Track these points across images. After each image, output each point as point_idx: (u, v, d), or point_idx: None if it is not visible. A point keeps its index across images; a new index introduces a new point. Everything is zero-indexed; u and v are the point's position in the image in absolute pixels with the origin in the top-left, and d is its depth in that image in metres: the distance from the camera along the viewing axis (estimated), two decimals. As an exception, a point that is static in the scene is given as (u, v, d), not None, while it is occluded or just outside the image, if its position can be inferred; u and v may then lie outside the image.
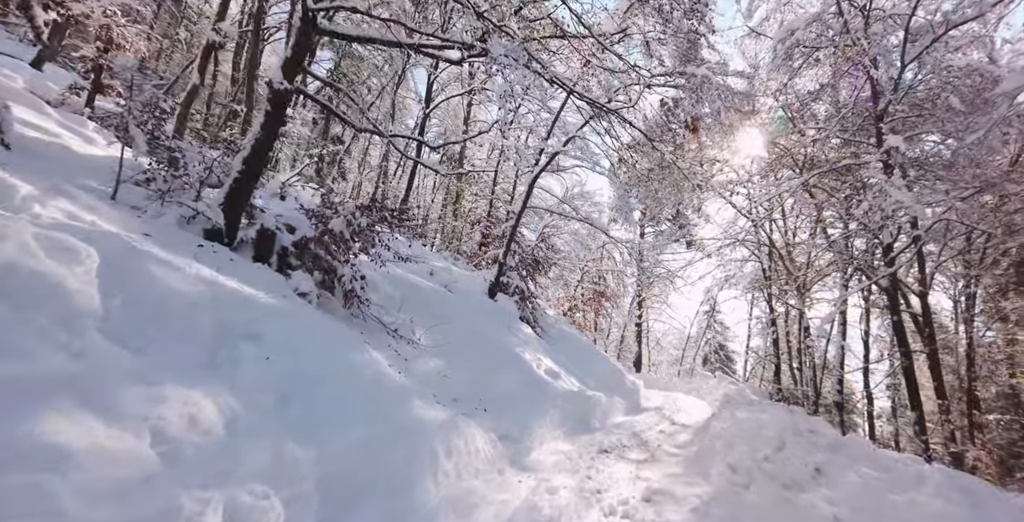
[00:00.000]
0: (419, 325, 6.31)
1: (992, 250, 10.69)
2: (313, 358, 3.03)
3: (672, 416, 9.62)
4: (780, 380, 16.73)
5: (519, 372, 7.15)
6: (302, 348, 3.02)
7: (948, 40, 8.37)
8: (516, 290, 10.89)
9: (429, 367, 5.46)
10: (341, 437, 2.54)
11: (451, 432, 3.48)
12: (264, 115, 4.59)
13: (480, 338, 7.37)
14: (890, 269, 7.95)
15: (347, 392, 2.96)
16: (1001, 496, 2.79)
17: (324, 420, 2.59)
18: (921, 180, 9.24)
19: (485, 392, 5.82)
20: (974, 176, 8.55)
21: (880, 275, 8.05)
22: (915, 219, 7.90)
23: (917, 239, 7.75)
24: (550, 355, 9.17)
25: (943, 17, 7.66)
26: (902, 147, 7.45)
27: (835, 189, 10.68)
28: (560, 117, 12.30)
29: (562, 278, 19.80)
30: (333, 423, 2.61)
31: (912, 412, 7.50)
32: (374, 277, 6.45)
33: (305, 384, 2.73)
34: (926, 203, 7.47)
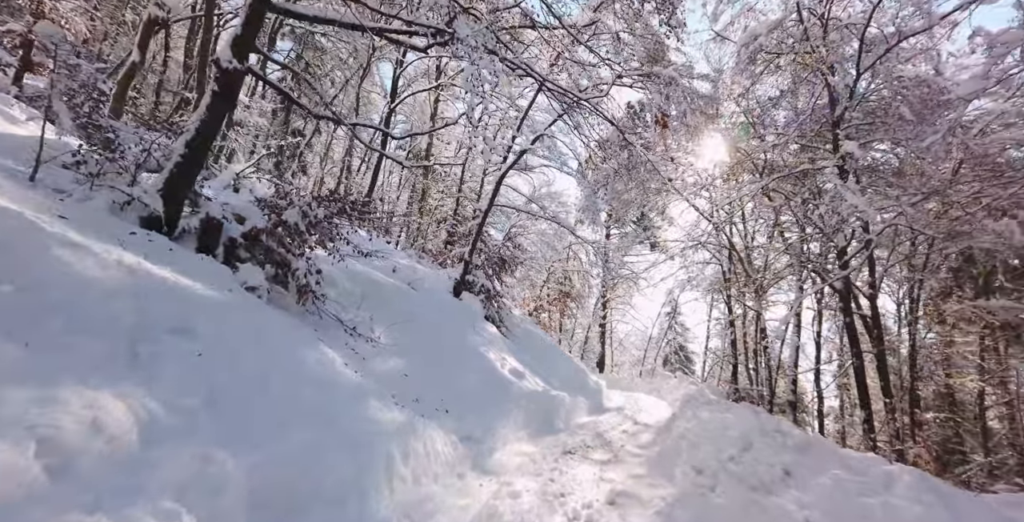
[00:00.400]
0: (380, 323, 6.04)
1: (935, 255, 11.25)
2: (255, 356, 2.75)
3: (634, 416, 9.63)
4: (737, 380, 17.17)
5: (483, 372, 6.96)
6: (243, 345, 2.74)
7: (899, 51, 8.73)
8: (482, 289, 10.70)
9: (389, 366, 5.21)
10: (282, 443, 2.28)
11: (409, 435, 3.27)
12: (211, 96, 4.24)
13: (444, 337, 7.15)
14: (844, 272, 8.21)
15: (293, 393, 2.70)
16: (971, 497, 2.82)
17: (263, 424, 2.33)
18: (872, 186, 9.60)
19: (448, 392, 5.60)
20: (921, 183, 8.96)
21: (835, 278, 8.31)
22: (867, 224, 8.19)
23: (869, 243, 8.04)
24: (515, 355, 9.02)
25: (895, 28, 7.98)
26: (857, 153, 7.70)
27: (793, 193, 11.00)
28: (528, 115, 12.20)
29: (528, 278, 19.73)
30: (274, 427, 2.35)
31: (862, 411, 7.77)
32: (332, 272, 6.13)
33: (243, 384, 2.46)
34: (878, 208, 7.74)
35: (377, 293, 6.76)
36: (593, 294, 23.34)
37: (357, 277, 6.76)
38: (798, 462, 3.15)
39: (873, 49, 8.36)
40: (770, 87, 11.88)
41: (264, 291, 4.28)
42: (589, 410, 9.41)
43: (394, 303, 6.91)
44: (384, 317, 6.21)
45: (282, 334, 3.44)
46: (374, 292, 6.70)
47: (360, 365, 4.46)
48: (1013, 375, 13.41)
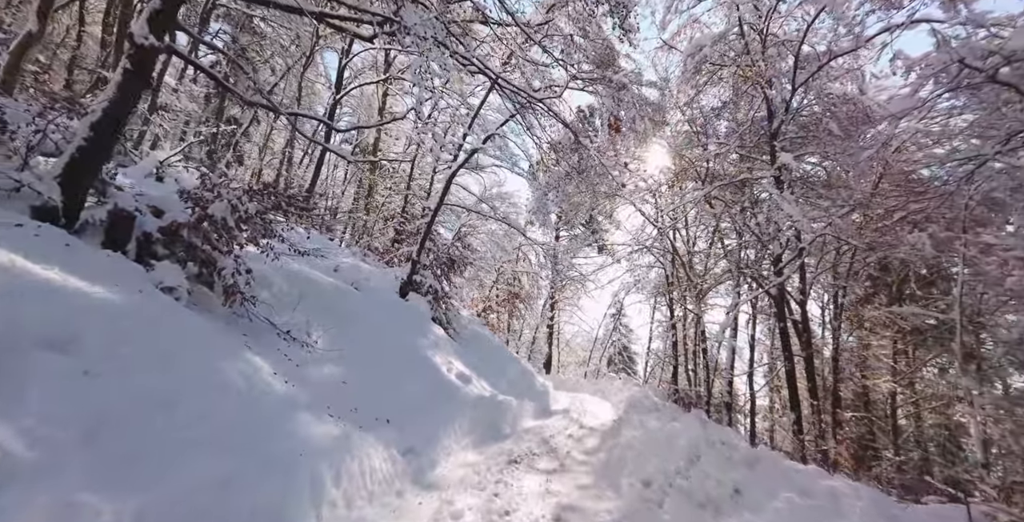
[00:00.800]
0: (318, 326, 5.67)
1: (857, 264, 12.09)
2: (162, 369, 2.42)
3: (580, 419, 9.67)
4: (677, 381, 17.74)
5: (428, 377, 6.73)
6: (146, 357, 2.40)
7: (830, 70, 9.28)
8: (429, 290, 10.40)
9: (325, 374, 4.88)
10: (183, 476, 1.98)
11: (343, 452, 3.01)
12: (123, 74, 3.77)
13: (387, 340, 6.84)
14: (779, 279, 8.63)
15: (206, 411, 2.39)
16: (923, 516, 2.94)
17: (161, 454, 2.01)
18: (804, 197, 10.13)
19: (390, 400, 5.33)
20: (847, 196, 9.57)
21: (771, 284, 8.70)
22: (799, 232, 8.65)
23: (801, 251, 8.49)
24: (462, 358, 8.82)
25: (827, 47, 8.47)
26: (792, 164, 8.11)
27: (733, 202, 11.48)
28: (480, 114, 12.02)
29: (477, 278, 19.54)
30: (175, 457, 2.05)
31: (792, 412, 8.16)
32: (266, 272, 5.69)
33: (140, 406, 2.13)
34: (810, 218, 8.17)
35: (316, 294, 6.35)
36: (542, 295, 23.49)
37: (294, 277, 6.33)
38: (748, 479, 3.18)
39: (807, 66, 8.83)
40: (713, 98, 12.35)
41: (184, 292, 3.86)
42: (536, 413, 9.35)
43: (335, 305, 6.53)
44: (323, 320, 5.86)
45: (200, 342, 3.08)
46: (313, 293, 6.29)
47: (293, 373, 4.13)
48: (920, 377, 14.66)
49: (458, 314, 11.57)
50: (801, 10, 9.47)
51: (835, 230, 8.08)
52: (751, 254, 12.28)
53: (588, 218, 23.75)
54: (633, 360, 30.26)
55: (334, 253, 10.05)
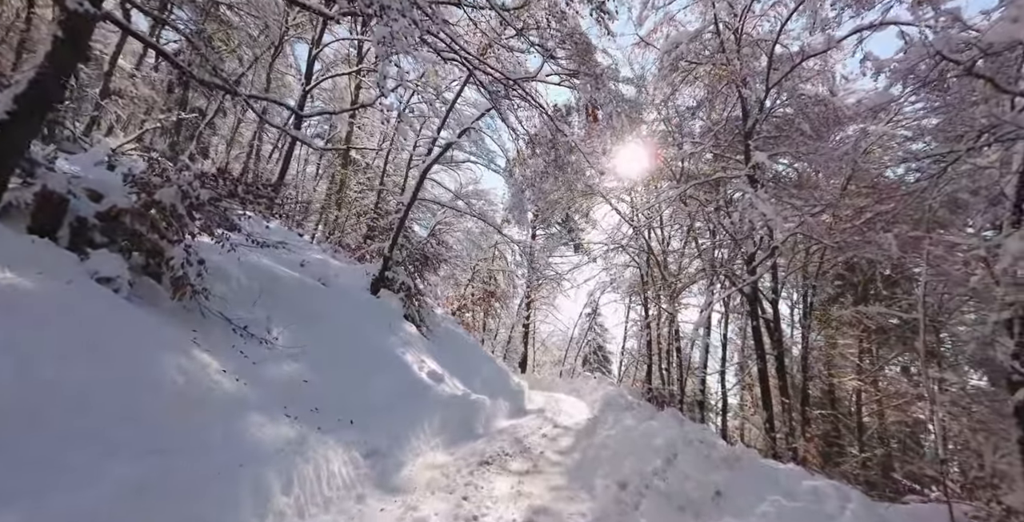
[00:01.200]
0: (279, 323, 5.36)
1: (826, 264, 12.31)
2: (85, 365, 2.14)
3: (554, 418, 9.54)
4: (651, 380, 17.83)
5: (398, 376, 6.47)
6: (65, 351, 2.12)
7: (802, 71, 9.39)
8: (402, 286, 10.11)
9: (285, 372, 4.59)
10: (97, 481, 1.72)
11: (296, 456, 2.76)
12: (52, 43, 3.42)
13: (355, 338, 6.55)
14: (753, 277, 8.67)
15: (132, 411, 2.13)
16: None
17: (71, 459, 1.75)
18: (776, 197, 10.23)
19: (356, 400, 5.07)
20: (818, 196, 9.70)
21: (744, 283, 8.73)
22: (772, 231, 8.70)
23: (775, 250, 8.54)
24: (435, 356, 8.58)
25: (800, 47, 8.55)
26: (766, 163, 8.15)
27: (707, 201, 11.54)
28: (456, 108, 11.79)
29: (452, 277, 19.24)
30: (88, 461, 1.79)
31: (764, 411, 8.20)
32: (223, 265, 5.34)
33: (54, 403, 1.86)
34: (783, 217, 8.21)
35: (279, 289, 6.03)
36: (518, 294, 23.35)
37: (255, 271, 5.99)
38: (729, 481, 3.06)
39: (780, 66, 8.90)
40: (688, 98, 12.42)
41: (123, 284, 3.53)
42: (510, 413, 9.18)
43: (299, 300, 6.22)
44: (285, 316, 5.54)
45: (137, 337, 2.79)
46: (275, 288, 5.96)
47: (247, 372, 3.84)
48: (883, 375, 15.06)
49: (432, 312, 11.31)
50: (774, 11, 9.58)
51: (807, 229, 8.16)
52: (724, 253, 12.37)
53: (564, 217, 23.75)
54: (608, 359, 30.40)
55: (302, 248, 9.67)
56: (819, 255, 12.07)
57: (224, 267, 5.32)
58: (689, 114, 12.44)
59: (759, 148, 9.33)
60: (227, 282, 5.22)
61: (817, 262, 12.31)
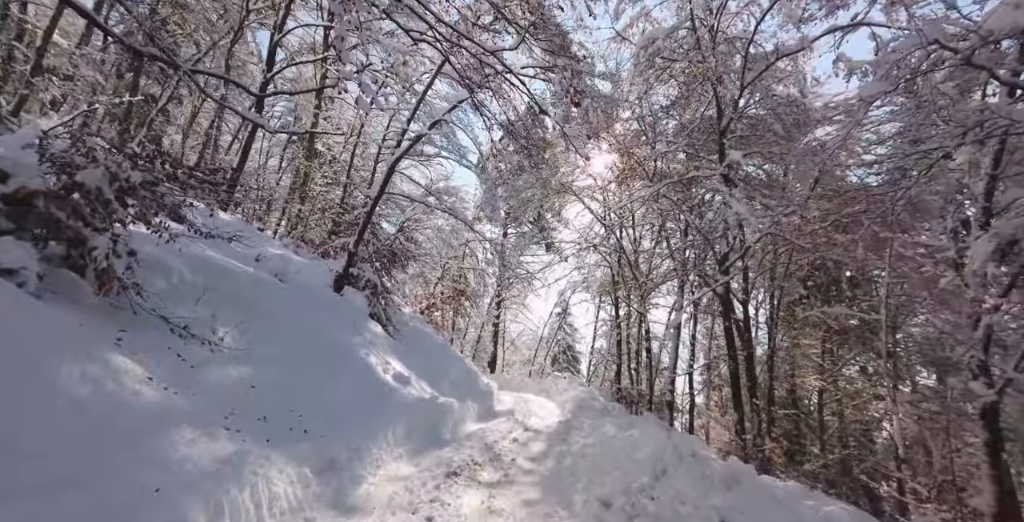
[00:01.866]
0: (228, 321, 4.87)
1: (793, 265, 12.48)
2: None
3: (524, 420, 9.27)
4: (620, 380, 17.80)
5: (361, 379, 6.05)
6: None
7: (775, 72, 9.42)
8: (368, 284, 9.64)
9: (230, 377, 4.13)
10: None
11: (231, 477, 2.37)
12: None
13: (315, 338, 6.09)
14: (726, 277, 8.61)
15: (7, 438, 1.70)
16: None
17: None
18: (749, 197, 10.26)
19: (312, 406, 4.65)
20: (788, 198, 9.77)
21: (718, 283, 8.67)
22: (743, 231, 8.69)
23: (747, 250, 8.52)
24: (401, 357, 8.17)
25: (775, 47, 8.55)
26: (741, 161, 8.10)
27: (681, 201, 11.52)
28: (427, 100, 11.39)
29: (422, 275, 18.76)
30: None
31: (735, 412, 8.14)
32: (163, 257, 4.82)
33: None
34: (757, 217, 8.19)
35: (228, 285, 5.52)
36: (488, 293, 23.03)
37: (202, 265, 5.46)
38: (732, 506, 2.82)
39: (754, 66, 8.90)
40: (662, 97, 12.38)
41: (31, 276, 3.03)
42: (479, 416, 8.84)
43: (252, 297, 5.72)
44: (235, 315, 5.05)
45: (35, 340, 2.33)
46: (224, 284, 5.45)
47: (182, 378, 3.39)
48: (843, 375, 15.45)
49: (399, 311, 10.86)
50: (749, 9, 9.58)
51: (780, 229, 8.15)
52: (694, 254, 12.39)
53: (536, 215, 23.57)
54: (577, 359, 30.43)
55: (261, 243, 9.07)
56: (787, 256, 12.23)
57: (164, 260, 4.80)
58: (663, 113, 12.40)
59: (733, 147, 9.32)
60: (167, 277, 4.70)
61: (785, 263, 12.48)
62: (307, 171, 15.81)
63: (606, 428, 4.40)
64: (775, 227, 8.08)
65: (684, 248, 13.20)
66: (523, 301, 24.71)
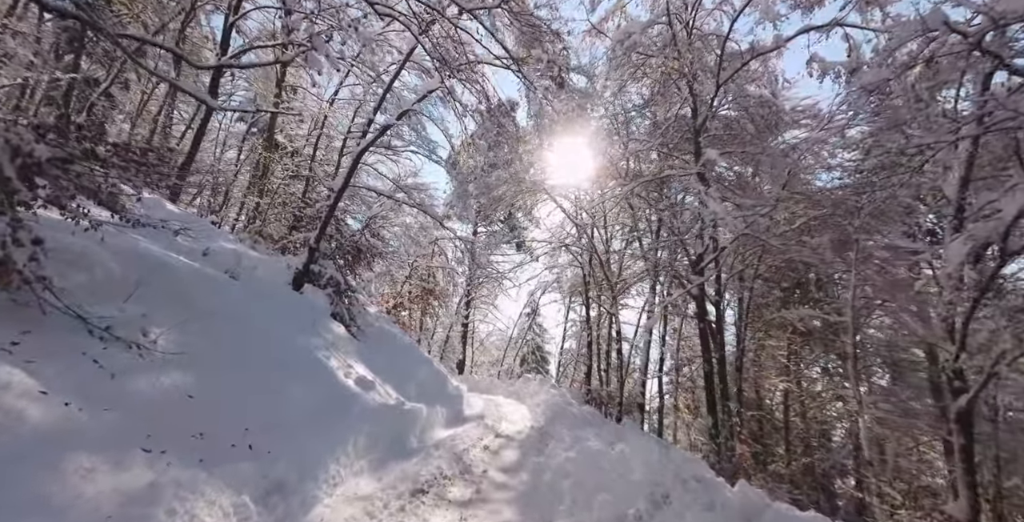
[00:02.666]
0: (165, 322, 4.30)
1: (762, 267, 12.56)
2: None
3: (495, 426, 8.90)
4: (591, 381, 17.64)
5: (320, 384, 5.53)
6: None
7: (748, 71, 9.38)
8: (330, 282, 9.04)
9: (161, 385, 3.59)
10: None
11: (142, 516, 1.90)
12: None
13: (269, 340, 5.54)
14: (701, 278, 8.47)
15: None
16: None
17: None
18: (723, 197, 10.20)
19: (260, 417, 4.14)
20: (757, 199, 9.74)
21: (692, 285, 8.51)
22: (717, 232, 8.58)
23: (722, 250, 8.41)
24: (365, 360, 7.65)
25: (750, 45, 8.48)
26: (718, 159, 7.97)
27: (655, 200, 11.40)
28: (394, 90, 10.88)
29: (389, 274, 18.10)
30: None
31: (710, 415, 7.97)
32: (85, 249, 4.20)
33: None
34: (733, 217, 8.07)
35: (167, 281, 4.92)
36: (457, 293, 22.52)
37: (134, 258, 4.84)
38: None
39: (730, 64, 8.81)
40: (636, 96, 12.25)
41: None
42: (448, 421, 8.40)
43: (196, 295, 5.12)
44: (174, 314, 4.47)
45: None
46: (161, 280, 4.85)
47: (96, 389, 2.85)
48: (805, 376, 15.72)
49: (364, 310, 10.28)
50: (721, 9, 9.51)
51: (755, 230, 8.06)
52: (665, 254, 12.29)
53: (507, 214, 23.23)
54: (546, 360, 30.26)
55: (213, 236, 8.37)
56: (756, 258, 12.27)
57: (87, 252, 4.18)
58: (636, 112, 12.27)
59: (708, 146, 9.22)
60: (89, 271, 4.09)
61: (754, 265, 12.55)
62: (267, 163, 14.96)
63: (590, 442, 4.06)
64: (750, 227, 7.99)
65: (656, 249, 13.11)
66: (493, 301, 24.30)
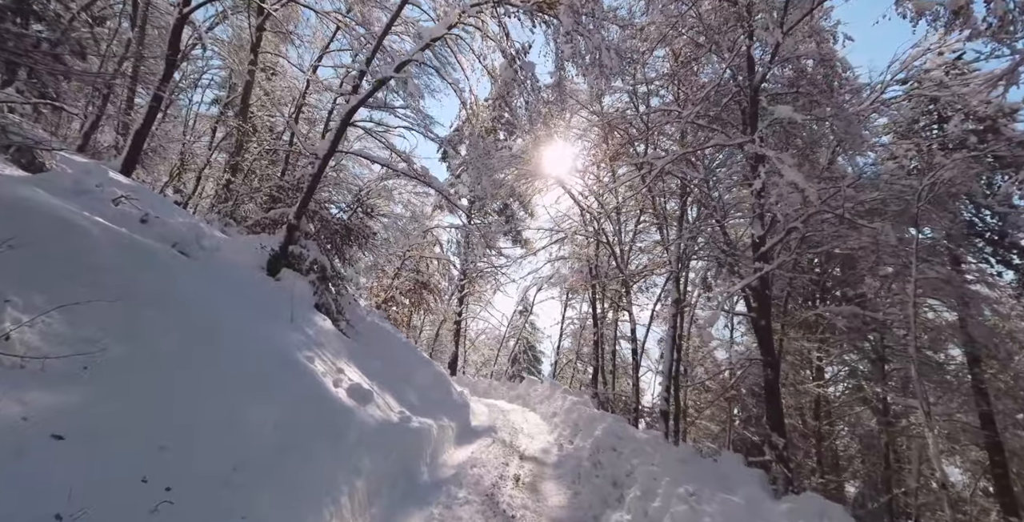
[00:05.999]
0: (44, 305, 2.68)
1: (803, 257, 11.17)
2: None
3: (513, 442, 7.39)
4: (597, 383, 16.20)
5: (299, 398, 3.93)
6: None
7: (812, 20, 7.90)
8: (314, 266, 7.41)
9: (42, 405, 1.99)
10: None
11: None
12: None
13: (226, 336, 3.90)
14: (769, 266, 7.03)
15: None
16: None
17: None
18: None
19: (208, 450, 2.58)
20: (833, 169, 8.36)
21: (756, 274, 7.06)
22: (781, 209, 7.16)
23: (791, 231, 7.00)
24: (359, 362, 6.07)
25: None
26: (796, 117, 6.56)
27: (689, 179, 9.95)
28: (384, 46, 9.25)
29: (376, 265, 16.40)
30: None
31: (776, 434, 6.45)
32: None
33: None
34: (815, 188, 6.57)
35: (65, 248, 3.28)
36: (449, 289, 20.92)
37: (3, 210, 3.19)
38: None
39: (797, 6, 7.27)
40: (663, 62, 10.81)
41: None
42: (458, 436, 6.86)
43: (113, 271, 3.47)
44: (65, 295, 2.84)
45: None
46: (56, 245, 3.21)
47: None
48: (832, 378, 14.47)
49: (354, 301, 8.67)
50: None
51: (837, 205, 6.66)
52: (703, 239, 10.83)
53: (503, 205, 21.70)
54: (539, 359, 28.92)
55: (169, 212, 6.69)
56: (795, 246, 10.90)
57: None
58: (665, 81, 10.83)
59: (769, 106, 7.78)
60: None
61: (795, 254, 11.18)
62: (240, 138, 13.14)
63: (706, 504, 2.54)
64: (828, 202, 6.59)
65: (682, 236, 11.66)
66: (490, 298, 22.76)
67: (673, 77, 10.59)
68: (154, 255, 4.21)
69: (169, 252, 4.66)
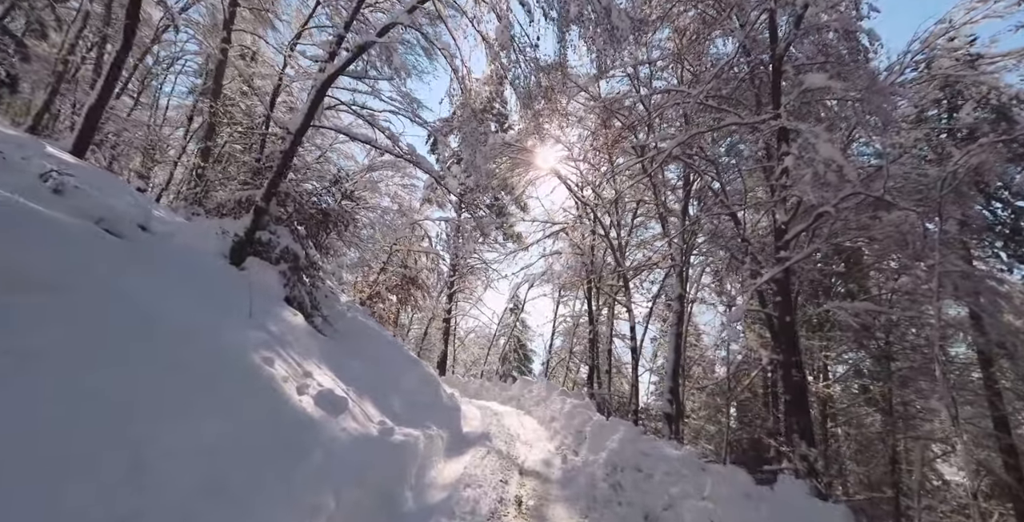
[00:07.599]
0: None
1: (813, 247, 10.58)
2: None
3: (510, 452, 6.59)
4: (592, 384, 15.49)
5: (249, 409, 3.08)
6: None
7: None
8: (285, 254, 6.54)
9: None
10: None
11: None
12: None
13: (154, 331, 3.03)
14: (798, 256, 6.32)
15: None
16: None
17: None
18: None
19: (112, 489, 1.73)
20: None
21: (781, 265, 6.35)
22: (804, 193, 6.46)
23: (820, 217, 6.29)
24: (334, 364, 5.23)
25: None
26: (833, 85, 5.83)
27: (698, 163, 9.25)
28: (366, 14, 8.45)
29: (363, 261, 15.49)
30: None
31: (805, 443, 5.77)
32: None
33: None
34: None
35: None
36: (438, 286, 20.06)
37: None
38: None
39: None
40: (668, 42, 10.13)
41: None
42: (448, 447, 6.03)
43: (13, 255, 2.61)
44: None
45: None
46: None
47: None
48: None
49: (332, 294, 7.79)
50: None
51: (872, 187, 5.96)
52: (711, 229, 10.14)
53: (493, 198, 20.92)
54: (529, 358, 28.22)
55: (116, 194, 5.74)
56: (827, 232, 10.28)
57: None
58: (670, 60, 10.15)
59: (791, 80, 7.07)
60: None
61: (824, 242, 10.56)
62: (212, 122, 12.13)
63: None
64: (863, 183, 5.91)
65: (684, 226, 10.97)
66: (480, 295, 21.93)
67: (679, 56, 9.89)
68: (67, 231, 3.33)
69: (92, 230, 3.77)
